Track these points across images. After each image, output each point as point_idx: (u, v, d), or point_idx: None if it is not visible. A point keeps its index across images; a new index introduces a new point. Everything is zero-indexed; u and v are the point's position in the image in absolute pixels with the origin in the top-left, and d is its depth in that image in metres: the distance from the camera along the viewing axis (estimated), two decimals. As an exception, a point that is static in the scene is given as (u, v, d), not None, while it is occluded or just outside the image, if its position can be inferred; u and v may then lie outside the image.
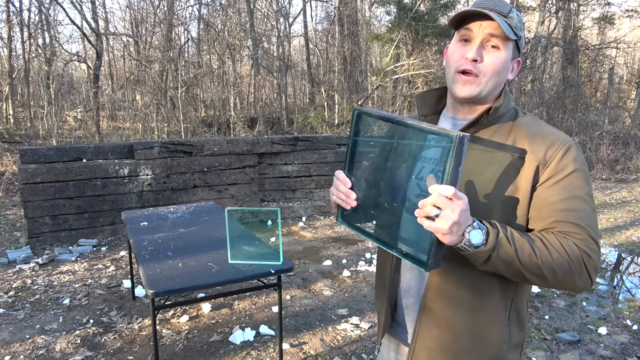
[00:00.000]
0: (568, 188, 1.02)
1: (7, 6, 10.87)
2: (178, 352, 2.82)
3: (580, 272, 0.98)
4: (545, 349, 2.87)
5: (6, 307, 3.37)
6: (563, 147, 1.03)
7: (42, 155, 4.78)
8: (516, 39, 1.06)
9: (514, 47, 1.07)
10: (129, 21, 13.68)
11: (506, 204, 1.04)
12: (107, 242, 4.86)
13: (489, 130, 1.09)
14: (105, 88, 13.68)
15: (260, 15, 13.69)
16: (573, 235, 0.99)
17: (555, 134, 1.07)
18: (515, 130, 1.07)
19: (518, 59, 1.11)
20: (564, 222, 1.00)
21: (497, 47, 1.04)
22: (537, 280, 0.98)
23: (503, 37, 1.03)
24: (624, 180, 8.41)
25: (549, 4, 12.96)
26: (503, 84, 1.10)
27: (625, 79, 17.14)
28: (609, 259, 4.58)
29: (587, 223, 1.00)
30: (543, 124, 1.11)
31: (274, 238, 4.96)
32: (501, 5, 1.04)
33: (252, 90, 12.91)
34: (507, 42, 1.05)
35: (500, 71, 1.06)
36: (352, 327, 3.13)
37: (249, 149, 5.63)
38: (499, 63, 1.05)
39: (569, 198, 1.01)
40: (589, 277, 0.99)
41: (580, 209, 1.01)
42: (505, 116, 1.10)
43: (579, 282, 0.98)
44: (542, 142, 1.04)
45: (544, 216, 1.02)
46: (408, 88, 10.81)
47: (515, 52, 1.09)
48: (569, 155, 1.03)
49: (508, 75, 1.09)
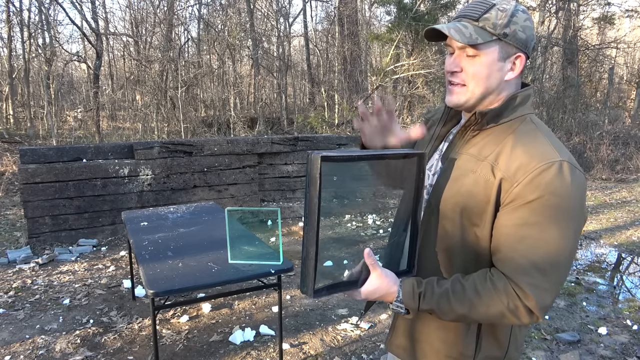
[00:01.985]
0: (525, 217, 0.94)
1: (7, 6, 10.87)
2: (178, 352, 2.82)
3: (517, 314, 0.96)
4: (545, 349, 2.87)
5: (6, 307, 3.37)
6: (541, 166, 0.94)
7: (42, 155, 4.78)
8: (498, 37, 0.99)
9: (502, 45, 1.01)
10: (129, 21, 13.68)
11: (477, 217, 1.02)
12: (107, 242, 4.86)
13: (488, 135, 1.06)
14: (105, 88, 13.69)
15: (260, 15, 13.69)
16: (513, 273, 0.95)
17: (542, 151, 0.97)
18: (509, 139, 1.02)
19: (517, 54, 1.03)
20: (506, 256, 0.97)
21: (474, 54, 1.01)
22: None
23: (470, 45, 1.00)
24: (624, 180, 8.41)
25: (549, 4, 12.95)
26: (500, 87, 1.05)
27: (625, 79, 17.15)
28: (609, 259, 4.58)
29: (541, 259, 0.93)
30: (540, 137, 1.01)
31: (274, 238, 4.96)
32: (473, 9, 1.02)
33: (252, 90, 12.91)
34: (482, 46, 1.00)
35: (486, 76, 1.02)
36: (352, 327, 3.13)
37: (249, 149, 5.63)
38: (479, 69, 1.02)
39: (524, 229, 0.95)
40: (530, 315, 0.95)
41: (537, 241, 0.94)
42: (509, 122, 1.05)
43: (521, 321, 0.97)
44: (520, 156, 0.97)
45: (496, 244, 1.00)
46: (408, 88, 10.81)
47: (510, 49, 1.02)
48: (544, 178, 0.93)
49: (507, 75, 1.04)
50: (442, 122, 1.21)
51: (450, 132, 1.20)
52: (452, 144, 1.12)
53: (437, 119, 1.25)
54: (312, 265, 0.96)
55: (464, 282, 1.01)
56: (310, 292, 0.97)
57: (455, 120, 1.20)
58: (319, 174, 0.92)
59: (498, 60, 1.02)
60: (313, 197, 0.94)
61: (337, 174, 0.99)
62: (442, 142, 1.20)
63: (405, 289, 1.04)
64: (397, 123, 1.25)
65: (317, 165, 0.91)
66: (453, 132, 1.18)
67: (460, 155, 1.08)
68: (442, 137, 1.20)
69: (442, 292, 1.01)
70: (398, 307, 1.05)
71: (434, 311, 1.03)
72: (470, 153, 1.06)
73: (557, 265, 0.94)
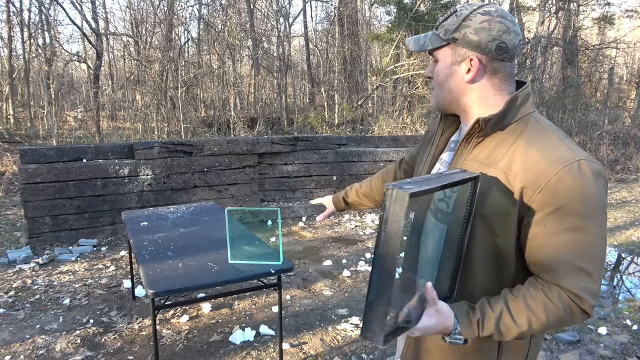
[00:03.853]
0: (559, 224, 0.95)
1: (7, 6, 10.87)
2: (178, 352, 2.82)
3: (573, 319, 0.98)
4: (545, 349, 2.88)
5: (6, 307, 3.37)
6: (561, 169, 0.94)
7: (42, 155, 4.78)
8: (447, 42, 1.05)
9: (453, 48, 1.05)
10: (129, 21, 13.68)
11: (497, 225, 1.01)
12: (107, 242, 4.86)
13: (495, 139, 1.04)
14: (106, 88, 13.69)
15: (260, 15, 13.70)
16: (563, 280, 0.96)
17: (558, 152, 0.97)
18: (518, 142, 1.01)
19: (469, 57, 1.04)
20: (553, 266, 0.97)
21: (435, 59, 1.11)
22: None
23: (427, 52, 1.11)
24: (624, 180, 8.41)
25: (549, 4, 12.96)
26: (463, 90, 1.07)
27: (625, 79, 17.16)
28: (609, 259, 4.58)
29: (582, 260, 0.95)
30: (553, 137, 1.00)
31: (274, 238, 4.96)
32: (442, 18, 1.10)
33: (252, 90, 12.91)
34: (437, 52, 1.09)
35: (443, 79, 1.10)
36: (352, 327, 3.13)
37: (249, 149, 5.63)
38: (438, 74, 1.11)
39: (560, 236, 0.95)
40: (584, 315, 0.98)
41: (575, 244, 0.95)
42: (515, 124, 1.03)
43: (576, 322, 1.00)
44: (538, 161, 0.96)
45: (535, 255, 1.00)
46: (408, 88, 10.82)
47: (461, 51, 1.04)
48: (566, 181, 0.93)
49: (462, 77, 1.06)
50: (439, 131, 1.22)
51: (450, 141, 1.20)
52: (458, 152, 1.10)
53: (434, 129, 1.27)
54: (382, 311, 0.87)
55: (517, 298, 0.98)
56: (382, 339, 0.88)
57: (453, 128, 1.21)
58: (405, 213, 0.84)
59: (452, 64, 1.07)
60: (393, 238, 0.85)
61: None
62: (442, 152, 1.20)
63: (462, 320, 0.97)
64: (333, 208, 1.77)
65: (403, 204, 0.84)
66: (456, 141, 1.18)
67: (468, 164, 1.06)
68: (442, 146, 1.21)
69: (499, 314, 0.97)
70: (456, 339, 0.97)
71: (493, 335, 0.98)
72: (479, 160, 1.05)
73: (599, 262, 0.97)
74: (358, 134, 9.94)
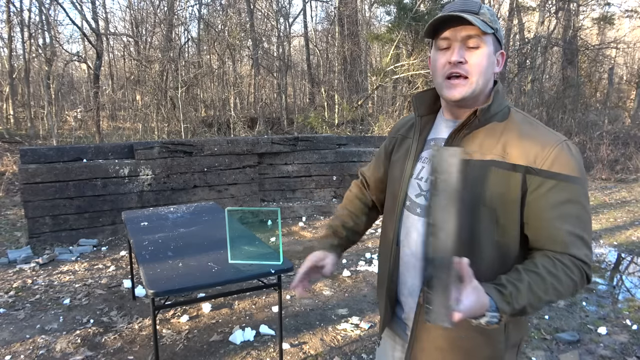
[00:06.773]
0: (560, 197, 1.02)
1: (8, 6, 10.87)
2: (178, 352, 2.82)
3: (582, 284, 1.05)
4: (545, 349, 2.88)
5: (6, 307, 3.37)
6: (554, 150, 1.03)
7: (43, 155, 4.78)
8: (493, 32, 1.06)
9: (493, 40, 1.08)
10: (129, 21, 13.68)
11: (500, 209, 1.04)
12: (108, 242, 4.86)
13: (482, 131, 1.09)
14: (106, 88, 13.68)
15: (260, 15, 13.69)
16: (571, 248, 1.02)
17: (547, 136, 1.06)
18: (507, 131, 1.07)
19: (501, 51, 1.12)
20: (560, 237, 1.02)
21: (477, 46, 1.05)
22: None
23: (480, 34, 1.04)
24: (623, 180, 8.41)
25: (548, 4, 12.96)
26: (492, 81, 1.12)
27: (625, 79, 17.15)
28: (609, 259, 4.58)
29: (582, 230, 1.03)
30: (536, 124, 1.10)
31: (274, 238, 4.97)
32: (470, 4, 1.06)
33: (252, 90, 12.91)
34: (485, 37, 1.05)
35: (487, 67, 1.07)
36: (352, 327, 3.14)
37: (249, 149, 5.63)
38: (484, 59, 1.06)
39: (562, 207, 1.02)
40: (588, 281, 1.06)
41: (575, 216, 1.03)
42: (498, 115, 1.09)
43: (583, 287, 1.06)
44: (532, 145, 1.04)
45: (539, 227, 1.04)
46: (408, 88, 10.81)
47: (497, 45, 1.10)
48: (561, 160, 1.03)
49: (495, 68, 1.10)
50: (417, 131, 1.22)
51: (428, 140, 1.19)
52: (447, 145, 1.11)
53: (406, 131, 1.27)
54: (450, 288, 0.83)
55: (538, 270, 0.99)
56: (449, 320, 0.83)
57: (428, 127, 1.21)
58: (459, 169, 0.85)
59: (493, 53, 1.09)
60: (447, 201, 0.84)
61: None
62: (422, 151, 1.20)
63: (495, 296, 0.93)
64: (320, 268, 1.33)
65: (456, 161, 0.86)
66: (433, 138, 1.18)
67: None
68: (422, 145, 1.20)
69: (526, 286, 0.96)
70: (493, 317, 0.93)
71: (524, 309, 0.97)
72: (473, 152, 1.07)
73: (590, 230, 1.07)
74: (358, 134, 9.94)
